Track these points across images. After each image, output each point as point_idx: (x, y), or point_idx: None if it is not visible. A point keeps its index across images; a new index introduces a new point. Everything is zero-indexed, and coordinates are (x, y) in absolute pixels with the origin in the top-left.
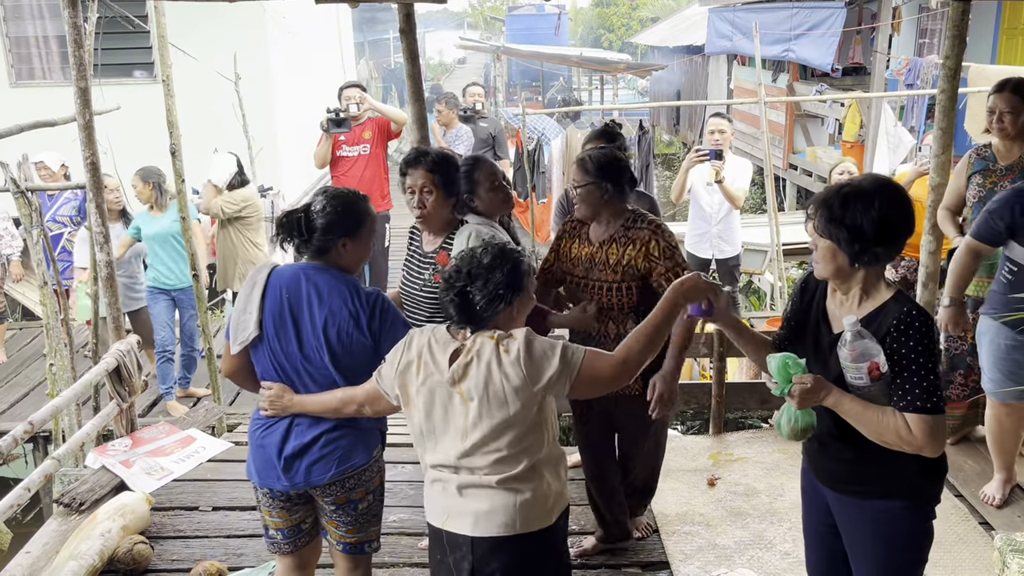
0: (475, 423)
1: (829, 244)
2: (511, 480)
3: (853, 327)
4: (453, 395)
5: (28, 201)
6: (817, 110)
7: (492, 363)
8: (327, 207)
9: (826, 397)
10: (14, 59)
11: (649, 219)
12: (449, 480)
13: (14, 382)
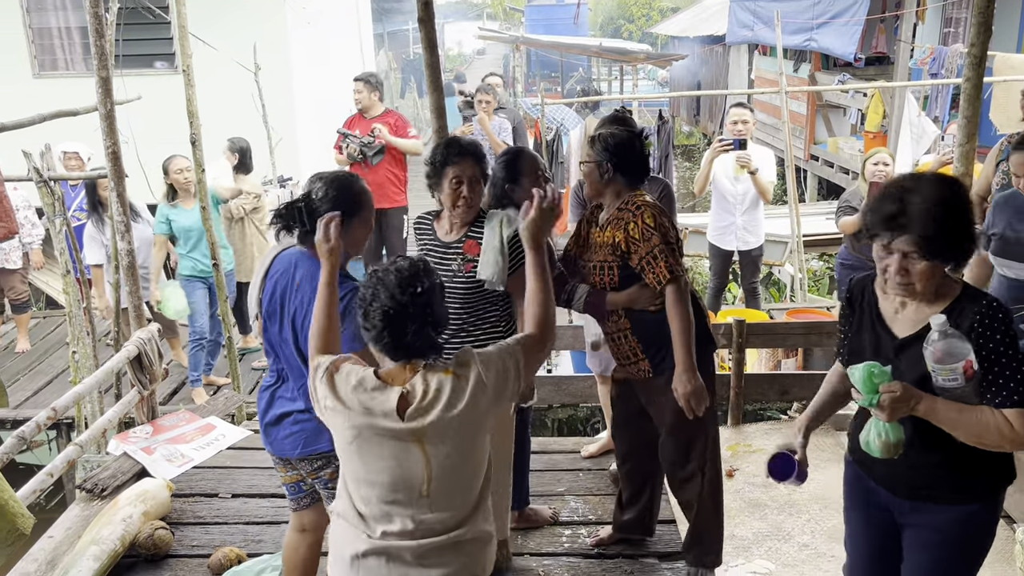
0: (439, 476)
1: (930, 265)
2: (476, 525)
3: (942, 327)
4: (409, 449)
5: (51, 190)
6: (839, 100)
7: (457, 399)
8: (328, 192)
9: (916, 405)
10: (37, 50)
11: (637, 201)
12: (400, 551)
13: (38, 369)
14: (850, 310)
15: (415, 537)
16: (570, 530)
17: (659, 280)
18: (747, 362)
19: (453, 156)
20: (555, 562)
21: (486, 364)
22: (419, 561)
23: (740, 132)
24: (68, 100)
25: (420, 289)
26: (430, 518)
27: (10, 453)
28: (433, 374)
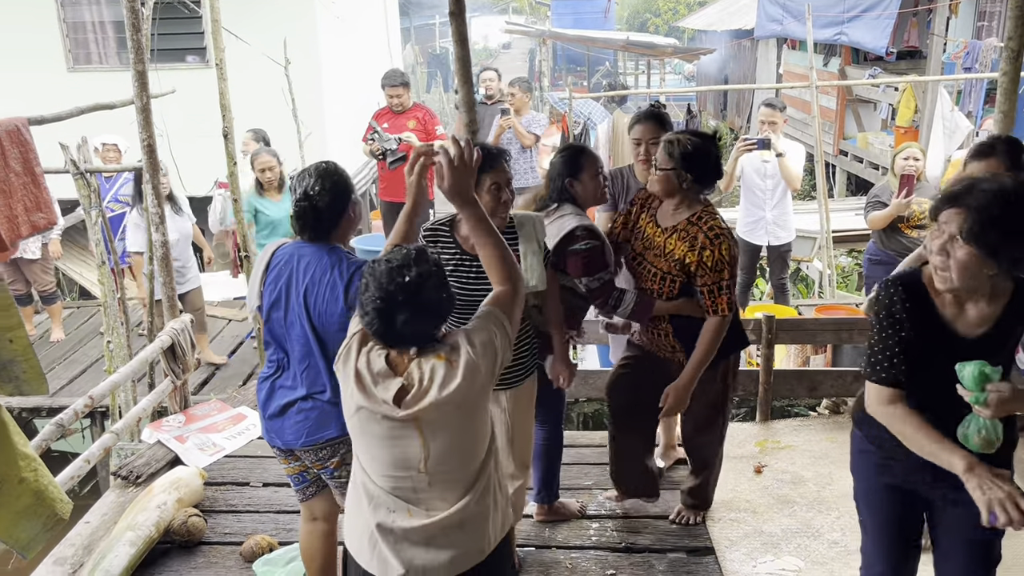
0: (436, 457)
1: (975, 254)
2: (478, 498)
3: None
4: (406, 432)
5: (87, 182)
6: (869, 95)
7: (449, 383)
8: (324, 186)
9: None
10: (71, 44)
11: (712, 223)
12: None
13: (72, 359)
14: (909, 318)
15: (420, 508)
16: (598, 523)
17: (716, 311)
18: (775, 358)
19: (488, 163)
20: (583, 555)
21: (473, 344)
22: (427, 542)
23: (767, 131)
24: (101, 94)
25: (408, 279)
26: (431, 493)
27: (48, 440)
28: (427, 360)
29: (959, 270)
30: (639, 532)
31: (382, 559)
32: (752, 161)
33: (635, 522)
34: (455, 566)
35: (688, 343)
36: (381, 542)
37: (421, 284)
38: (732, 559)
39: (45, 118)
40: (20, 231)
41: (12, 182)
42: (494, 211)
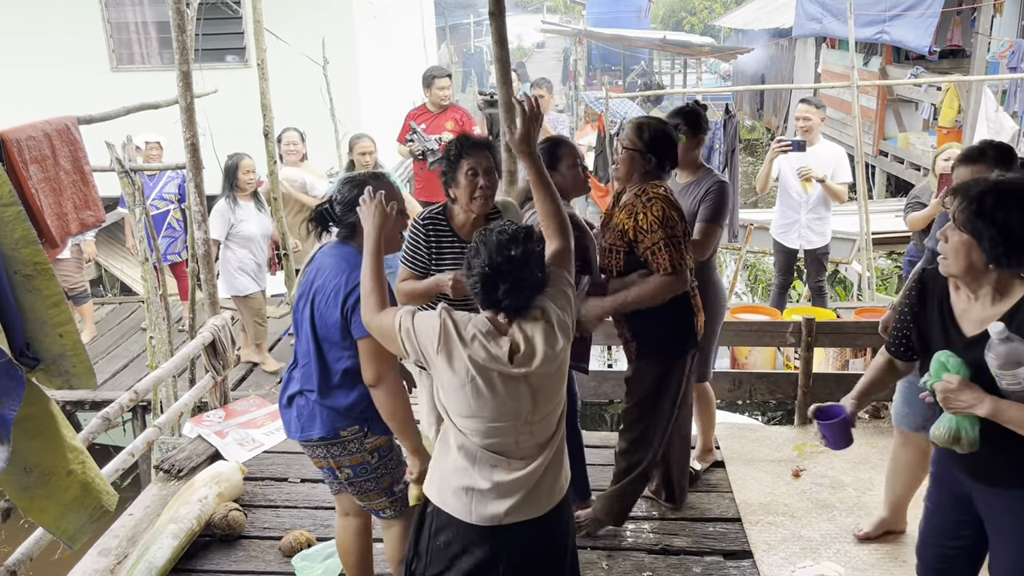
0: (539, 406)
1: (966, 240)
2: (559, 448)
3: (1000, 333)
4: (518, 387)
5: (131, 181)
6: (911, 94)
7: (549, 340)
8: (349, 192)
9: (979, 407)
10: (115, 44)
11: (651, 192)
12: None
13: (114, 354)
14: (919, 300)
15: (516, 458)
16: (634, 525)
17: (659, 269)
18: (814, 361)
19: (467, 148)
20: (619, 556)
21: (560, 304)
22: (522, 489)
23: (804, 129)
24: (144, 93)
25: (515, 253)
26: (529, 441)
27: (95, 433)
28: (526, 322)
29: (952, 254)
30: (676, 534)
31: (482, 509)
32: (790, 162)
33: (671, 524)
34: (543, 506)
35: (635, 328)
36: (480, 494)
37: (526, 260)
38: (770, 563)
39: (94, 117)
40: (70, 228)
41: (62, 180)
42: (470, 196)
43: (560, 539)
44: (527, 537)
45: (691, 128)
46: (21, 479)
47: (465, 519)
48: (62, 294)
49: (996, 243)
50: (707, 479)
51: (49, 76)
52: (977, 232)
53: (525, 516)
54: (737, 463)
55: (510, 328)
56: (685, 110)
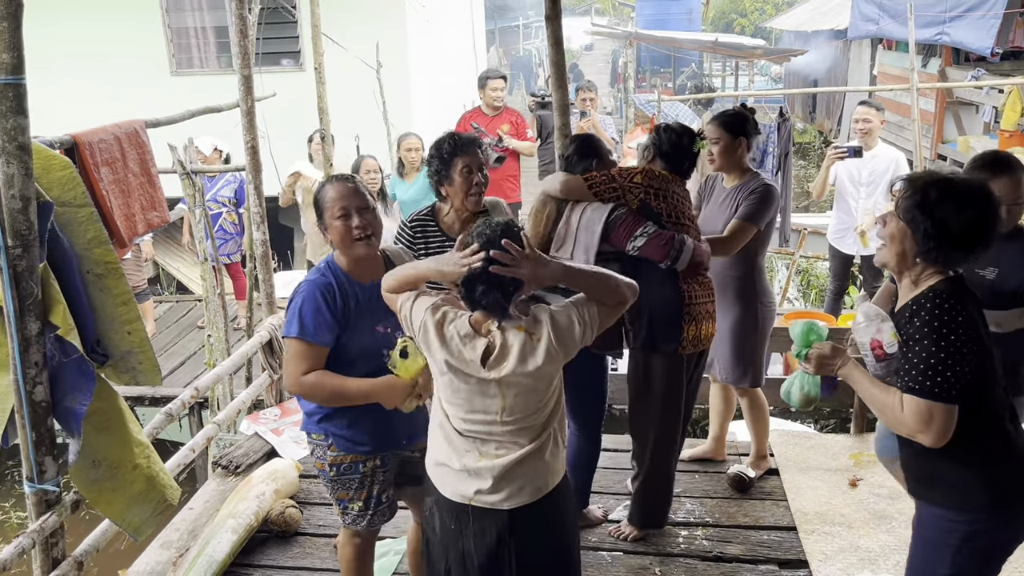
0: (511, 409)
1: (903, 228)
2: (543, 446)
3: (860, 301)
4: (489, 388)
5: (192, 182)
6: (971, 97)
7: (527, 355)
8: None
9: (841, 367)
10: (175, 49)
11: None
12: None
13: (172, 351)
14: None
15: (490, 448)
16: (687, 531)
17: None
18: None
19: (461, 147)
20: (672, 562)
21: (557, 327)
22: (492, 478)
23: (863, 132)
24: (202, 96)
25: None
26: (504, 437)
27: (159, 428)
28: (509, 329)
29: (888, 240)
30: (729, 541)
31: (455, 485)
32: (846, 167)
33: (725, 531)
34: (515, 499)
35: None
36: (455, 472)
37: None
38: (827, 574)
39: (160, 121)
40: (137, 229)
41: (130, 182)
42: (466, 192)
43: (539, 539)
44: (498, 524)
45: (730, 131)
46: (90, 472)
47: (441, 490)
48: (131, 293)
49: (928, 236)
50: (761, 487)
51: (112, 81)
52: (915, 222)
53: (492, 504)
54: (792, 471)
55: (493, 330)
56: (726, 113)
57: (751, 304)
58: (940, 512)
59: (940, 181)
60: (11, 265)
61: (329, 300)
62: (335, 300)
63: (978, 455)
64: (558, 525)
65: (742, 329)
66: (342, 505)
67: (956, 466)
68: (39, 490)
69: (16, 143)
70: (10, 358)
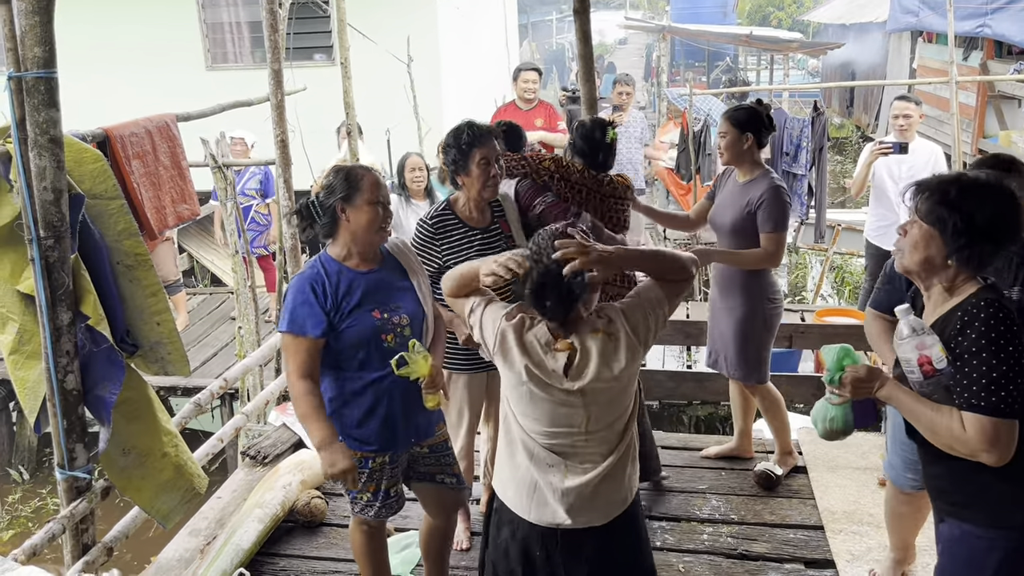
0: (596, 419)
1: (927, 231)
2: (624, 456)
3: (903, 314)
4: (572, 399)
5: (224, 175)
6: (1014, 91)
7: (609, 358)
8: (328, 182)
9: (880, 389)
10: (210, 44)
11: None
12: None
13: (204, 342)
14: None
15: (575, 462)
16: (712, 528)
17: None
18: None
19: (479, 138)
20: (695, 559)
21: (632, 322)
22: (582, 495)
23: (903, 128)
24: (236, 91)
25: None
26: (587, 448)
27: (188, 418)
28: (586, 335)
29: (910, 247)
30: (755, 540)
31: (542, 510)
32: (886, 163)
33: (751, 529)
34: (606, 514)
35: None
36: (541, 494)
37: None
38: (854, 574)
39: (191, 115)
40: (167, 221)
41: (161, 175)
42: (483, 184)
43: (628, 552)
44: (589, 543)
45: (737, 126)
46: (120, 460)
47: (525, 516)
48: (160, 284)
49: (959, 232)
50: (788, 484)
51: (148, 76)
52: (941, 221)
53: (585, 523)
54: (820, 469)
55: (571, 338)
56: (736, 108)
57: (756, 302)
58: (976, 530)
59: (955, 178)
60: (43, 256)
61: (318, 292)
62: (324, 292)
63: (1021, 471)
64: (643, 534)
65: (747, 327)
66: (351, 495)
67: (996, 482)
68: (70, 477)
69: (48, 136)
70: (42, 347)
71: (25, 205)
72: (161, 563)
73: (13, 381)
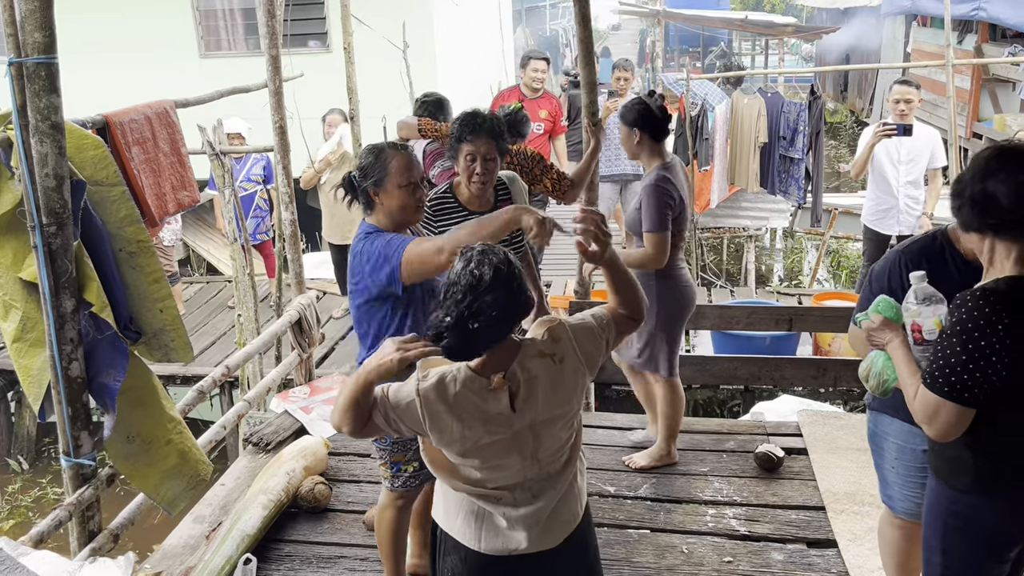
0: (548, 446)
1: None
2: (575, 472)
3: (917, 280)
4: (522, 435)
5: (221, 163)
6: (1008, 74)
7: (556, 384)
8: (363, 157)
9: (889, 342)
10: (203, 31)
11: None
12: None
13: (202, 331)
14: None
15: (527, 492)
16: (715, 510)
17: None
18: None
19: (468, 132)
20: (699, 540)
21: (580, 339)
22: (537, 521)
23: (904, 112)
24: (230, 78)
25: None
26: (540, 474)
27: (191, 405)
28: (528, 359)
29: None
30: (757, 520)
31: (493, 539)
32: (884, 146)
33: (753, 510)
34: (561, 534)
35: None
36: (491, 524)
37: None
38: (856, 553)
39: (189, 101)
40: (168, 208)
41: (161, 161)
42: (468, 178)
43: (582, 567)
44: (544, 566)
45: (625, 122)
46: (124, 447)
47: (474, 547)
48: (162, 271)
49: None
50: (790, 466)
51: (141, 64)
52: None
53: (537, 548)
54: (820, 451)
55: (510, 367)
56: (624, 103)
57: (658, 300)
58: (937, 486)
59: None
60: (46, 243)
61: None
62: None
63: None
64: (594, 543)
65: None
66: (396, 468)
67: (950, 446)
68: (75, 464)
69: (49, 122)
70: (46, 335)
71: (27, 192)
72: (166, 549)
73: (17, 369)
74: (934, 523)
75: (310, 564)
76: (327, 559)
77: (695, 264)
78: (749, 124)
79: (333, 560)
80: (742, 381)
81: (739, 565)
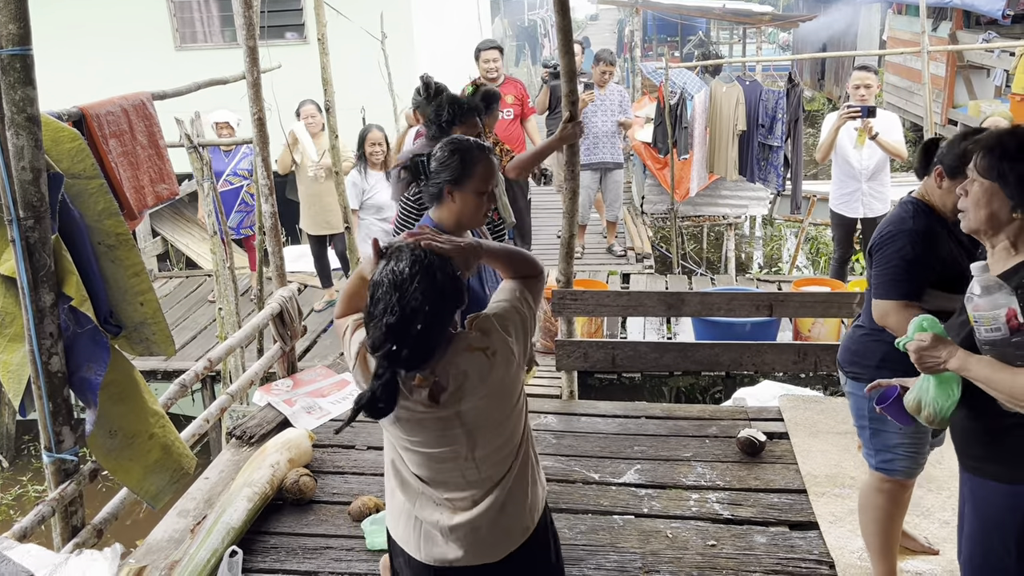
0: (484, 442)
1: (988, 187)
2: (520, 478)
3: (980, 272)
4: (450, 424)
5: (200, 156)
6: (982, 61)
7: (488, 375)
8: (443, 148)
9: (950, 359)
10: (179, 23)
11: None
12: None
13: (183, 326)
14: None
15: (466, 494)
16: (698, 494)
17: None
18: None
19: (460, 116)
20: (683, 525)
21: (507, 329)
22: (475, 531)
23: (864, 97)
24: (207, 71)
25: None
26: (479, 476)
27: (173, 399)
28: (457, 355)
29: (973, 205)
30: (740, 504)
31: (431, 547)
32: (849, 132)
33: (736, 494)
34: (505, 548)
35: None
36: (428, 533)
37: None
38: (836, 535)
39: (167, 93)
40: (146, 201)
41: (139, 154)
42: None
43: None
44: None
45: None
46: (107, 442)
47: (415, 555)
48: (143, 264)
49: (1022, 183)
50: (772, 451)
51: (116, 56)
52: (1002, 175)
53: (474, 560)
54: (801, 435)
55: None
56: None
57: None
58: (999, 487)
59: (1012, 132)
60: (23, 236)
61: None
62: None
63: None
64: (551, 562)
65: None
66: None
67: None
68: (57, 459)
69: (25, 114)
70: (25, 329)
71: (4, 185)
72: (150, 544)
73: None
74: (999, 532)
75: (296, 555)
76: (313, 550)
77: (675, 252)
78: (728, 112)
79: (319, 551)
80: (724, 367)
81: (723, 548)
